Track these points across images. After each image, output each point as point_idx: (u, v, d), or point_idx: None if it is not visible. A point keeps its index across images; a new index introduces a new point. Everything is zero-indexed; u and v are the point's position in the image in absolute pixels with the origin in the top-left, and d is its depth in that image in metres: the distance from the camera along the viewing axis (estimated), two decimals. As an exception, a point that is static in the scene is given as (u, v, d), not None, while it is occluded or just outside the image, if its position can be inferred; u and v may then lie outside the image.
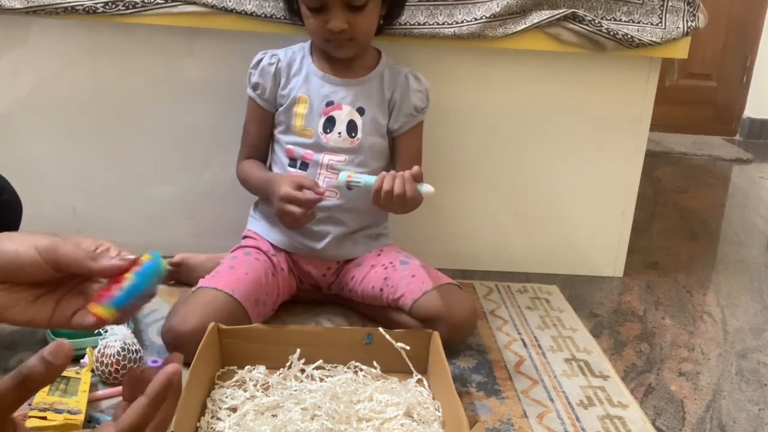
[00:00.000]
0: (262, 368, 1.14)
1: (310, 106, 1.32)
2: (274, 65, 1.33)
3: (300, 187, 1.20)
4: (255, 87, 1.34)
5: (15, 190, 1.16)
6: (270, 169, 1.38)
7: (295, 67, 1.34)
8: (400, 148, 1.37)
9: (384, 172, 1.17)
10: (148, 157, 1.54)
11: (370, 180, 1.17)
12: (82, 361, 1.09)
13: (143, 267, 0.61)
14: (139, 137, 1.53)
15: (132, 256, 0.63)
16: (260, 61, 1.34)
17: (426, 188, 1.15)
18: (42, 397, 0.95)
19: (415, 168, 1.16)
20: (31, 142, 1.51)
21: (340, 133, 1.31)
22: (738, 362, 1.35)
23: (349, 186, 1.19)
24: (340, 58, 1.31)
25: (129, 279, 0.61)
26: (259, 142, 1.38)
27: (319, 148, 1.31)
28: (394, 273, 1.30)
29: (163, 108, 1.51)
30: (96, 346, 1.10)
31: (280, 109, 1.34)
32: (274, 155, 1.37)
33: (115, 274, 0.62)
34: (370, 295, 1.33)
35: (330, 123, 1.31)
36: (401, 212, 1.28)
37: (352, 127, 1.32)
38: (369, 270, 1.34)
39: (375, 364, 1.15)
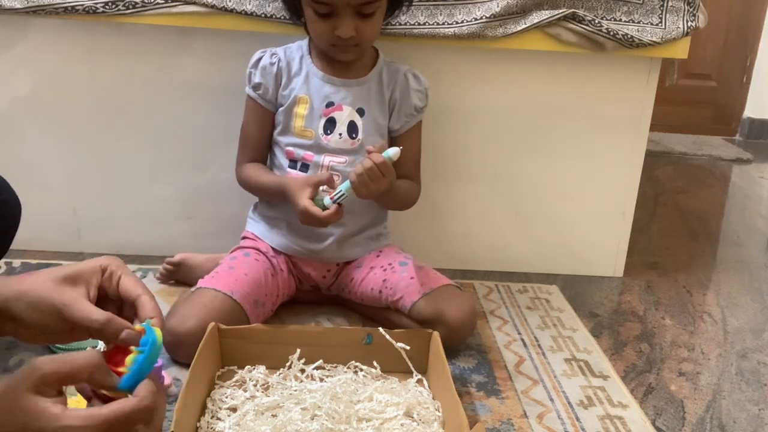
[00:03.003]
0: (262, 368, 1.14)
1: (310, 107, 1.31)
2: (276, 65, 1.32)
3: (317, 186, 1.20)
4: (256, 87, 1.33)
5: (13, 189, 1.15)
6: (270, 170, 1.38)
7: (295, 66, 1.33)
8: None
9: (353, 171, 1.18)
10: (148, 157, 1.54)
11: (347, 183, 1.18)
12: (82, 361, 1.09)
13: (144, 352, 0.65)
14: (139, 137, 1.53)
15: (134, 331, 0.67)
16: (260, 59, 1.32)
17: (391, 152, 1.15)
18: (42, 397, 0.95)
19: (368, 148, 1.18)
20: (31, 142, 1.51)
21: (340, 134, 1.31)
22: (738, 362, 1.35)
23: (339, 203, 1.19)
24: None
25: (132, 361, 0.65)
26: (260, 143, 1.36)
27: (319, 149, 1.31)
28: (393, 275, 1.30)
29: (162, 108, 1.51)
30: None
31: (280, 109, 1.33)
32: (274, 157, 1.36)
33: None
34: (369, 296, 1.33)
35: (330, 124, 1.31)
36: (396, 205, 1.36)
37: (352, 128, 1.31)
38: (368, 272, 1.33)
39: (375, 364, 1.15)
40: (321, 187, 1.21)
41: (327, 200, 1.19)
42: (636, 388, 1.23)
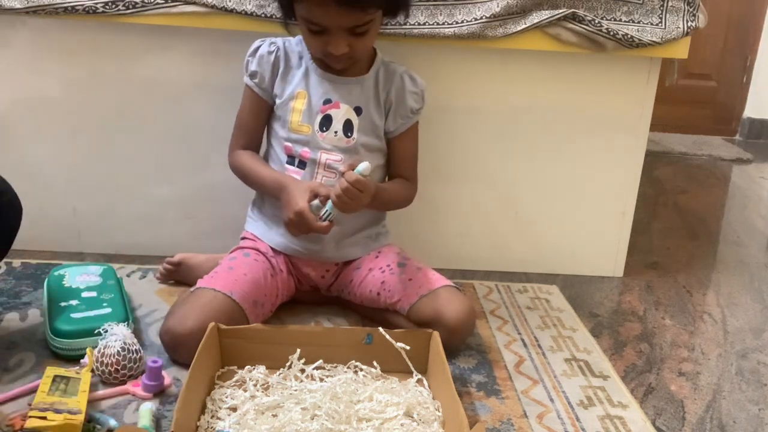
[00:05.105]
0: (262, 368, 1.14)
1: (308, 103, 1.31)
2: (273, 54, 1.31)
3: (316, 196, 1.21)
4: (253, 75, 1.32)
5: (15, 191, 1.16)
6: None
7: (294, 60, 1.33)
8: (396, 149, 1.36)
9: (332, 192, 1.18)
10: (148, 157, 1.54)
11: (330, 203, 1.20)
12: (82, 361, 1.09)
13: None
14: (138, 137, 1.53)
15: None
16: (258, 48, 1.32)
17: (362, 167, 1.16)
18: (42, 397, 0.95)
19: (341, 169, 1.20)
20: (31, 142, 1.51)
21: (336, 132, 1.31)
22: (738, 362, 1.35)
23: (330, 220, 1.20)
24: None
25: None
26: (254, 132, 1.36)
27: (315, 145, 1.31)
28: (391, 277, 1.30)
29: (162, 108, 1.51)
30: (96, 347, 1.10)
31: (278, 102, 1.33)
32: (272, 150, 1.36)
33: None
34: (368, 298, 1.32)
35: (327, 121, 1.31)
36: (388, 207, 1.39)
37: (348, 126, 1.31)
38: (367, 273, 1.33)
39: (375, 364, 1.15)
40: (314, 201, 1.21)
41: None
42: (636, 388, 1.23)
